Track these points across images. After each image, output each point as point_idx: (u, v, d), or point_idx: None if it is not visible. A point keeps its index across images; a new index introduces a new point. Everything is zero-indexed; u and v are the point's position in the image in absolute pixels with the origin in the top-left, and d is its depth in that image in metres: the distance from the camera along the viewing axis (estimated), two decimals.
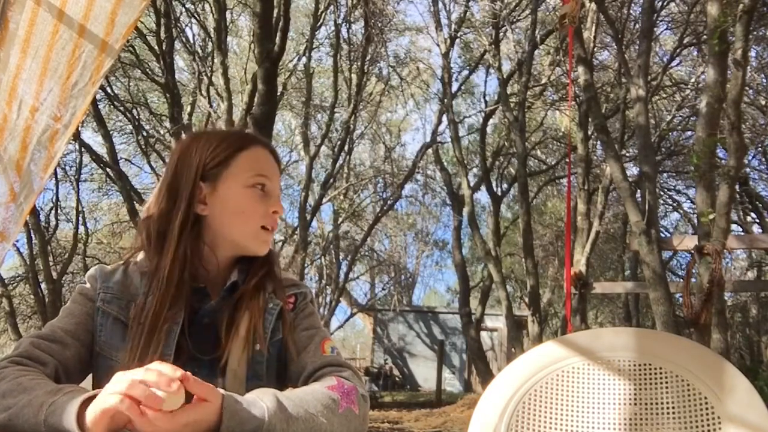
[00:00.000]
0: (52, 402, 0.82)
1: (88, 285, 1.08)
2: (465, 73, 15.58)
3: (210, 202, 1.07)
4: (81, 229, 12.98)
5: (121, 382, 0.76)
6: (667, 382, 1.20)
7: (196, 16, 11.70)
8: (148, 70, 11.75)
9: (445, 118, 14.13)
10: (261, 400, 0.83)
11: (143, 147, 12.29)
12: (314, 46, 13.57)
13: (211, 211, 1.07)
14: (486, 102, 15.04)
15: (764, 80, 11.92)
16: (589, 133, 10.49)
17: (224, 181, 1.08)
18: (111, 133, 11.21)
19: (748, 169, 12.14)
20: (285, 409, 0.84)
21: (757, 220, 13.86)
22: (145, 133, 12.30)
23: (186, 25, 11.96)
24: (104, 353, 1.01)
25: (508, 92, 12.15)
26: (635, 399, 1.21)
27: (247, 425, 0.80)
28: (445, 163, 16.18)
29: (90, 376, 1.07)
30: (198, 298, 1.06)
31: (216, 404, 0.79)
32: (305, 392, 0.91)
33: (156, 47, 10.60)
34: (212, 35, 10.72)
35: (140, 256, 1.11)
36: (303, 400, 0.88)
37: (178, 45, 11.59)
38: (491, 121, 14.81)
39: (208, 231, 1.07)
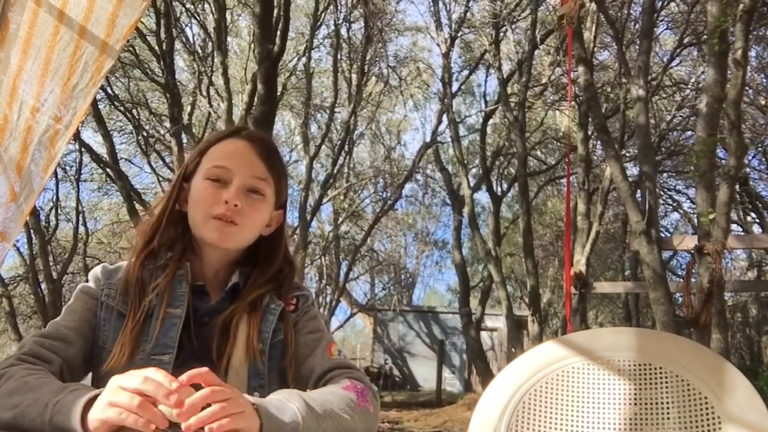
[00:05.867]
0: (57, 401, 0.82)
1: (90, 282, 1.09)
2: (465, 73, 15.59)
3: (188, 199, 1.10)
4: (81, 229, 12.99)
5: (119, 393, 0.77)
6: (667, 382, 1.20)
7: (196, 16, 11.69)
8: (148, 70, 11.74)
9: (445, 118, 14.13)
10: (289, 402, 0.85)
11: (143, 147, 12.30)
12: (314, 46, 13.56)
13: (188, 208, 1.10)
14: (486, 102, 15.03)
15: (764, 80, 11.92)
16: (589, 133, 10.48)
17: (195, 176, 1.10)
18: (111, 133, 11.20)
19: (748, 169, 12.13)
20: (314, 409, 0.86)
21: (757, 220, 13.85)
22: (145, 133, 12.29)
23: (186, 25, 11.96)
24: (108, 347, 1.02)
25: (508, 92, 12.15)
26: (635, 399, 1.21)
27: (283, 429, 0.81)
28: (445, 163, 16.17)
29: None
30: (198, 296, 1.07)
31: (255, 428, 0.79)
32: (325, 393, 0.94)
33: (156, 47, 10.59)
34: (212, 35, 10.71)
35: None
36: (325, 400, 0.90)
37: (178, 45, 11.58)
38: (491, 121, 14.80)
39: (191, 227, 1.10)
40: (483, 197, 17.59)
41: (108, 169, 11.13)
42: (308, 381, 1.04)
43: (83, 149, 11.47)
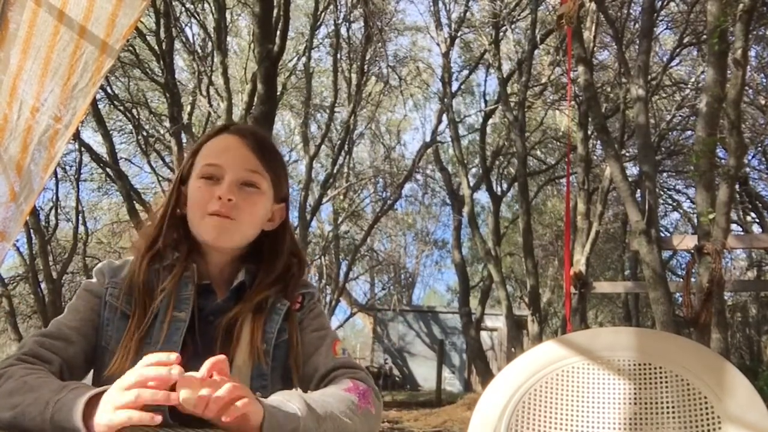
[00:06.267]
0: (58, 400, 0.82)
1: (94, 280, 1.08)
2: (465, 72, 15.60)
3: (187, 201, 1.10)
4: (81, 228, 12.99)
5: (124, 393, 0.76)
6: (667, 382, 1.20)
7: (196, 16, 11.69)
8: (148, 70, 11.74)
9: (444, 117, 14.13)
10: (290, 402, 0.85)
11: (143, 147, 12.30)
12: (314, 46, 13.56)
13: (187, 210, 1.09)
14: (486, 102, 15.03)
15: (764, 80, 11.92)
16: (589, 132, 10.48)
17: (191, 178, 1.10)
18: (111, 132, 11.20)
19: (748, 169, 12.13)
20: (314, 410, 0.86)
21: (757, 220, 13.86)
22: (145, 133, 12.29)
23: (186, 25, 11.97)
24: (111, 348, 1.01)
25: (508, 92, 12.15)
26: (635, 399, 1.21)
27: (285, 428, 0.82)
28: (445, 163, 16.18)
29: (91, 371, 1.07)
30: (204, 295, 1.07)
31: (258, 418, 0.80)
32: (326, 394, 0.94)
33: (156, 47, 10.59)
34: (212, 35, 10.72)
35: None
36: (326, 401, 0.90)
37: (178, 45, 11.58)
38: (491, 120, 14.81)
39: (191, 229, 1.09)
40: (483, 197, 17.62)
41: (108, 169, 11.13)
42: (312, 379, 1.03)
43: (83, 149, 11.47)
